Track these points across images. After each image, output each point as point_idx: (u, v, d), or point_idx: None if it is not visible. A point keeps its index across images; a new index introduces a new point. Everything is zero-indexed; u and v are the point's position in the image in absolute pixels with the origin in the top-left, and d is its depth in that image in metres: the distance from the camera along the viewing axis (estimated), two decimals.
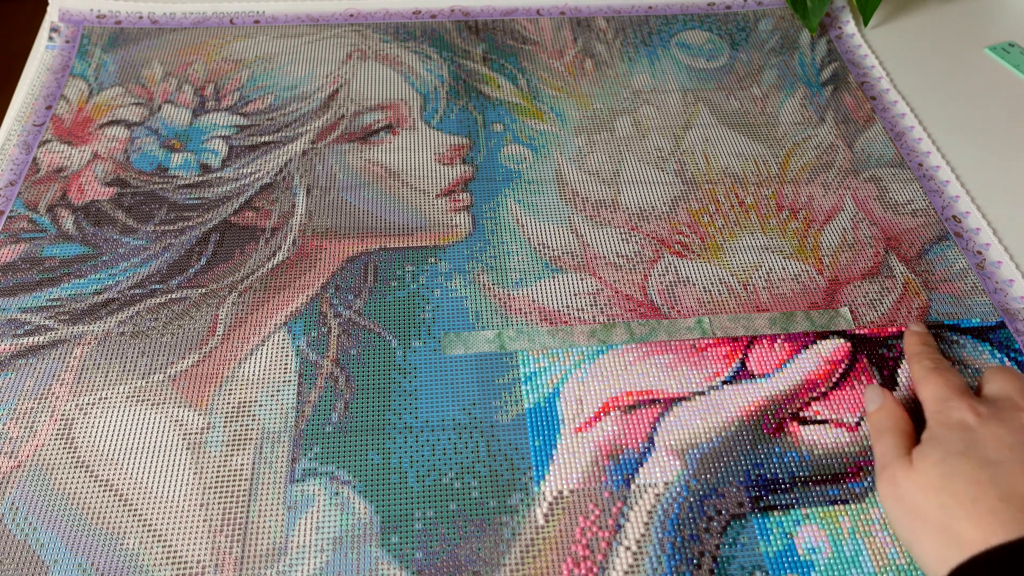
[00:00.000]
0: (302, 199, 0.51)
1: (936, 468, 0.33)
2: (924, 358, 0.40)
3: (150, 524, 0.37)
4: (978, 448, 0.33)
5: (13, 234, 0.48)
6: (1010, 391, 0.37)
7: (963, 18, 0.68)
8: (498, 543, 0.37)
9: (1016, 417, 0.35)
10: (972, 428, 0.35)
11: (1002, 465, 0.33)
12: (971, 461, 0.33)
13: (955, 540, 0.31)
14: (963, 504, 0.32)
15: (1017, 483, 0.32)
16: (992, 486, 0.32)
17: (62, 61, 0.59)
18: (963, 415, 0.35)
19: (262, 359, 0.43)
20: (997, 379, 0.38)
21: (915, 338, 0.43)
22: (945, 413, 0.36)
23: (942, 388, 0.37)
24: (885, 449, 0.36)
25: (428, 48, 0.62)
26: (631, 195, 0.52)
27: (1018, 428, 0.34)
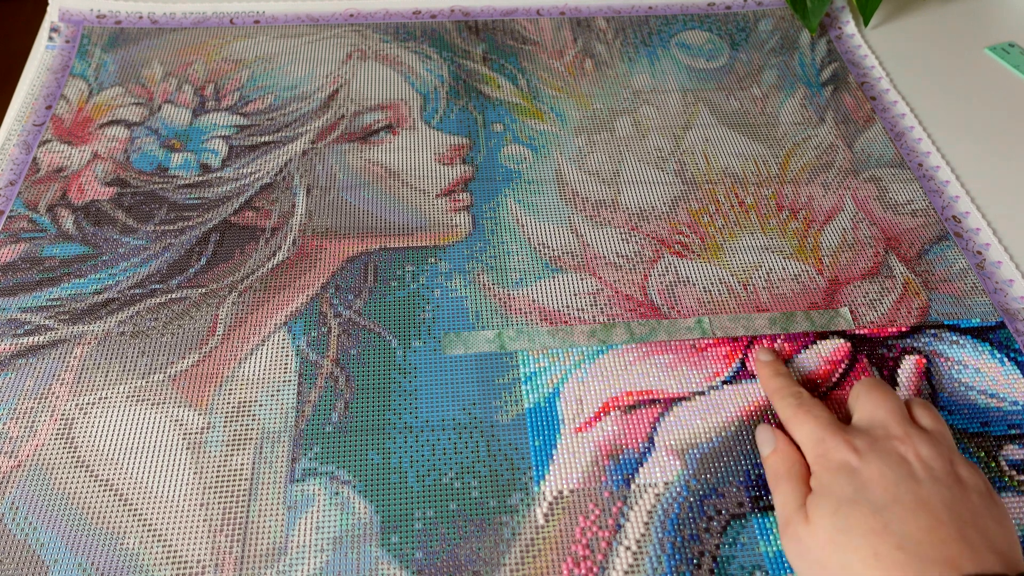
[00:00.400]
0: (302, 199, 0.51)
1: (830, 521, 0.33)
2: (786, 395, 0.39)
3: (150, 524, 0.37)
4: (866, 492, 0.33)
5: (13, 234, 0.48)
6: (880, 415, 0.36)
7: (963, 18, 0.68)
8: (498, 543, 0.37)
9: (891, 447, 0.34)
10: (855, 469, 0.34)
11: (892, 508, 0.32)
12: (862, 509, 0.32)
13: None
14: (863, 558, 0.31)
15: (910, 527, 0.31)
16: (887, 534, 0.31)
17: (62, 61, 0.59)
18: (843, 455, 0.34)
19: (262, 359, 0.43)
20: (863, 402, 0.37)
21: (768, 369, 0.42)
22: (826, 456, 0.35)
23: (815, 428, 0.36)
24: (784, 501, 0.35)
25: (428, 48, 0.62)
26: (631, 195, 0.52)
27: (897, 460, 0.34)
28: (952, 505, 0.32)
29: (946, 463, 0.34)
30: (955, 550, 0.30)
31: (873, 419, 0.36)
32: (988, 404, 0.42)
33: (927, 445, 0.34)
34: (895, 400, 0.37)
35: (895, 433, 0.35)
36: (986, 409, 0.42)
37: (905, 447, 0.34)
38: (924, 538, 0.31)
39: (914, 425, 0.36)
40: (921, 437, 0.35)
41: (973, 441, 0.41)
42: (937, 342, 0.45)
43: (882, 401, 0.37)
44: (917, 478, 0.33)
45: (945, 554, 0.30)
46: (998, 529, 0.32)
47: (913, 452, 0.34)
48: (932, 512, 0.32)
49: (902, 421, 0.36)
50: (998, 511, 0.33)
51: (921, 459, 0.34)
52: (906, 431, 0.35)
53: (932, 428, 0.36)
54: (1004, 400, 0.43)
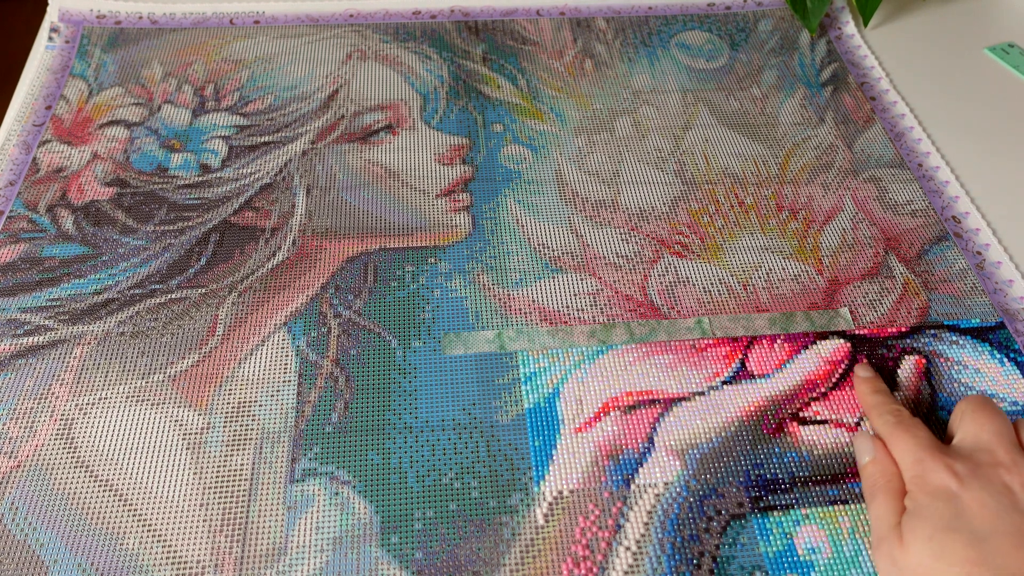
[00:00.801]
0: (302, 199, 0.51)
1: (927, 547, 0.32)
2: (885, 412, 0.39)
3: (150, 524, 0.37)
4: (965, 519, 0.32)
5: (13, 234, 0.48)
6: (985, 438, 0.35)
7: (963, 19, 0.68)
8: (498, 543, 0.37)
9: (996, 475, 0.33)
10: (955, 495, 0.33)
11: (991, 540, 0.31)
12: (960, 537, 0.31)
13: None
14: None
15: (1009, 560, 0.31)
16: (985, 566, 0.31)
17: (62, 61, 0.59)
18: (943, 479, 0.33)
19: (262, 359, 0.43)
20: (968, 423, 0.36)
21: (867, 386, 0.41)
22: (924, 478, 0.34)
23: (915, 447, 0.35)
24: (879, 516, 0.35)
25: (428, 48, 0.62)
26: (631, 195, 0.52)
27: (1001, 489, 0.33)
28: None
29: None
30: None
31: (978, 442, 0.35)
32: None
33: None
34: (1003, 422, 0.35)
35: (1001, 459, 0.34)
36: None
37: (1011, 476, 0.33)
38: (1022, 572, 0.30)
39: (1021, 451, 0.34)
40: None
41: None
42: (937, 342, 0.45)
43: (988, 423, 0.35)
44: (1020, 509, 0.32)
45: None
46: None
47: (1019, 481, 0.33)
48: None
49: (1010, 447, 0.34)
50: None
51: None
52: (1014, 458, 0.34)
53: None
54: (1004, 400, 0.43)
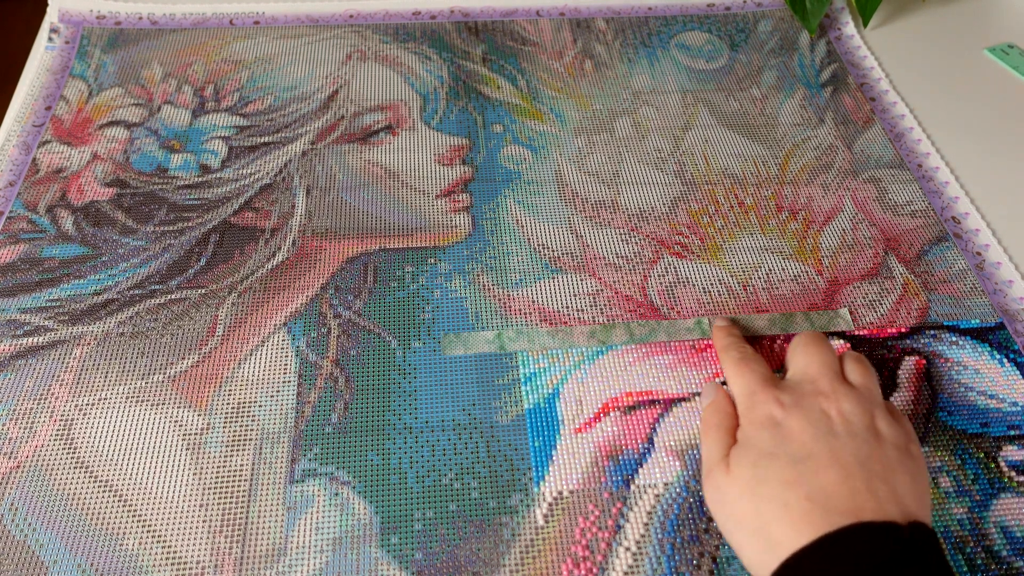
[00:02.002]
0: (302, 200, 0.51)
1: (750, 471, 0.34)
2: (731, 349, 0.41)
3: (150, 525, 0.37)
4: (786, 445, 0.34)
5: (12, 235, 0.48)
6: (812, 371, 0.37)
7: (962, 19, 0.68)
8: (498, 544, 0.37)
9: (816, 403, 0.35)
10: (779, 423, 0.35)
11: (808, 461, 0.33)
12: (780, 461, 0.33)
13: (772, 544, 0.32)
14: (775, 508, 0.32)
15: (822, 479, 0.32)
16: (800, 486, 0.32)
17: (62, 62, 0.59)
18: (769, 409, 0.35)
19: (262, 360, 0.43)
20: (798, 358, 0.38)
21: (721, 331, 0.43)
22: (753, 410, 0.36)
23: (749, 382, 0.37)
24: (708, 451, 0.37)
25: (428, 49, 0.62)
26: (631, 196, 0.52)
27: (819, 415, 0.35)
28: (865, 459, 0.33)
29: (866, 418, 0.35)
30: (860, 501, 0.31)
31: (805, 374, 0.37)
32: (987, 405, 0.42)
33: (850, 401, 0.35)
34: (828, 355, 0.38)
35: (822, 389, 0.36)
36: (985, 410, 0.42)
37: (828, 403, 0.35)
38: (833, 490, 0.32)
39: (842, 381, 0.37)
40: (846, 393, 0.36)
41: (972, 442, 0.41)
42: (937, 343, 0.45)
43: (815, 356, 0.38)
44: (835, 433, 0.34)
45: (850, 505, 0.31)
46: (908, 482, 0.33)
47: (836, 408, 0.35)
48: (844, 466, 0.33)
49: (831, 377, 0.37)
50: (912, 464, 0.34)
51: (842, 414, 0.35)
52: (832, 387, 0.36)
53: (859, 383, 0.37)
54: (1003, 401, 0.43)
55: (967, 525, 0.38)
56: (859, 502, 0.31)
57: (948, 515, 0.38)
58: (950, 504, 0.39)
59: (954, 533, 0.38)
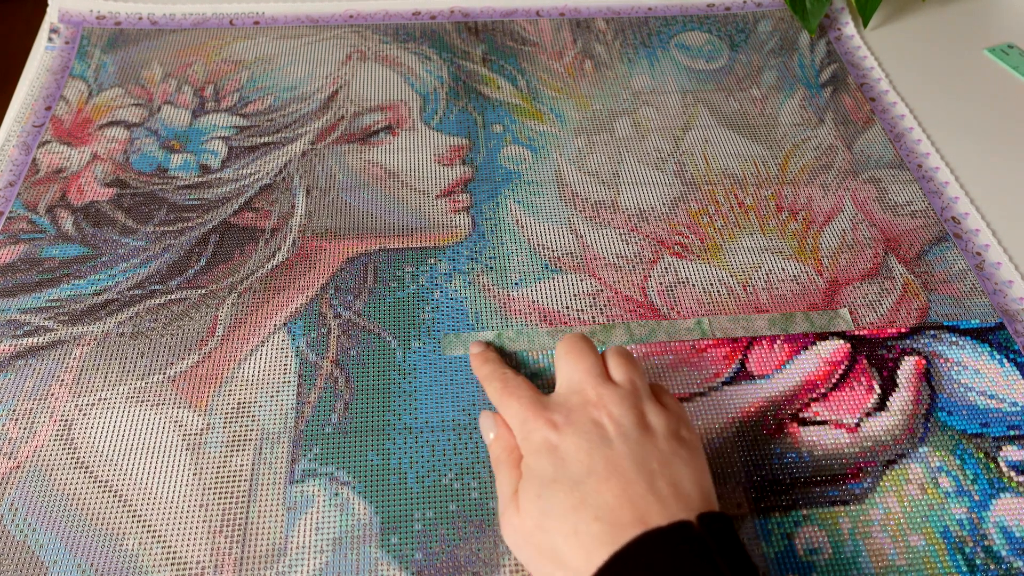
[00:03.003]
0: (302, 200, 0.51)
1: (536, 505, 0.33)
2: (493, 380, 0.39)
3: (150, 525, 0.37)
4: (565, 468, 0.33)
5: (12, 235, 0.48)
6: (576, 379, 0.36)
7: (962, 19, 0.68)
8: (497, 544, 0.37)
9: (586, 415, 0.34)
10: (555, 446, 0.34)
11: (588, 480, 0.32)
12: (562, 487, 0.32)
13: (571, 572, 0.31)
14: (565, 537, 0.31)
15: (604, 495, 0.31)
16: (584, 508, 0.31)
17: (62, 62, 0.59)
18: (543, 433, 0.34)
19: (262, 360, 0.43)
20: (562, 366, 0.37)
21: (478, 359, 0.42)
22: (529, 438, 0.35)
23: (520, 409, 0.36)
24: (501, 489, 0.35)
25: (428, 49, 0.62)
26: (631, 196, 0.52)
27: (591, 428, 0.34)
28: (641, 460, 0.32)
29: (636, 415, 0.34)
30: (644, 506, 0.31)
31: (570, 384, 0.36)
32: (987, 405, 0.42)
33: (616, 402, 0.34)
34: (589, 359, 0.37)
35: (589, 398, 0.35)
36: (985, 410, 0.42)
37: (598, 411, 0.34)
38: (616, 503, 0.31)
39: (606, 382, 0.35)
40: (612, 395, 0.35)
41: (972, 442, 0.41)
42: (936, 343, 0.45)
43: (578, 362, 0.36)
44: (608, 440, 0.33)
45: (636, 514, 0.31)
46: (686, 471, 0.33)
47: (606, 413, 0.34)
48: (622, 474, 0.32)
49: (596, 381, 0.35)
50: (686, 450, 0.34)
51: (613, 419, 0.34)
52: (598, 392, 0.35)
53: (623, 380, 0.36)
54: (1003, 401, 0.43)
55: (967, 525, 0.38)
56: (644, 508, 0.31)
57: (948, 515, 0.38)
58: (950, 504, 0.39)
59: (954, 533, 0.38)
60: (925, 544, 0.37)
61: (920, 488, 0.39)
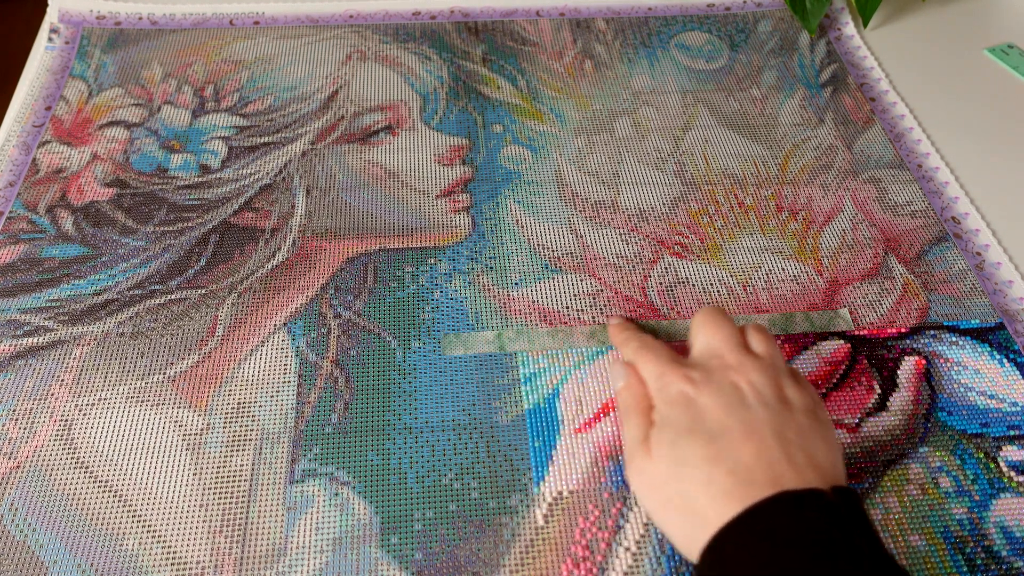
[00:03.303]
0: (302, 200, 0.51)
1: (670, 453, 0.34)
2: (631, 340, 0.40)
3: (150, 525, 0.37)
4: (702, 421, 0.34)
5: (12, 235, 0.48)
6: (715, 345, 0.37)
7: (962, 19, 0.68)
8: (497, 544, 0.37)
9: (725, 377, 0.35)
10: (692, 399, 0.35)
11: (725, 436, 0.33)
12: (698, 439, 0.33)
13: (699, 521, 0.32)
14: (698, 486, 0.32)
15: (741, 452, 0.32)
16: (720, 462, 0.32)
17: (61, 62, 0.59)
18: (680, 387, 0.35)
19: (262, 360, 0.43)
20: (701, 334, 0.38)
21: (617, 328, 0.43)
22: (665, 390, 0.36)
23: (656, 364, 0.37)
24: (630, 435, 0.36)
25: (428, 49, 0.62)
26: (631, 196, 0.52)
27: (729, 388, 0.35)
28: (779, 428, 0.33)
29: (775, 387, 0.35)
30: (779, 470, 0.32)
31: (710, 349, 0.37)
32: (987, 405, 0.42)
33: (757, 371, 0.35)
34: (730, 328, 0.38)
35: (729, 362, 0.36)
36: (985, 410, 0.42)
37: (737, 375, 0.35)
38: (753, 463, 0.32)
39: (747, 352, 0.37)
40: (753, 364, 0.36)
41: (972, 442, 0.41)
42: (936, 343, 0.45)
43: (717, 330, 0.38)
44: (747, 404, 0.34)
45: (771, 475, 0.32)
46: (822, 446, 0.33)
47: (745, 379, 0.35)
48: (760, 437, 0.33)
49: (736, 349, 0.37)
50: (823, 429, 0.34)
51: (752, 385, 0.35)
52: (739, 359, 0.36)
53: (764, 353, 0.37)
54: (1003, 401, 0.43)
55: (967, 525, 0.38)
56: (779, 472, 0.32)
57: (948, 515, 0.38)
58: (950, 504, 0.39)
59: (954, 533, 0.38)
60: (925, 544, 0.37)
61: (920, 488, 0.39)
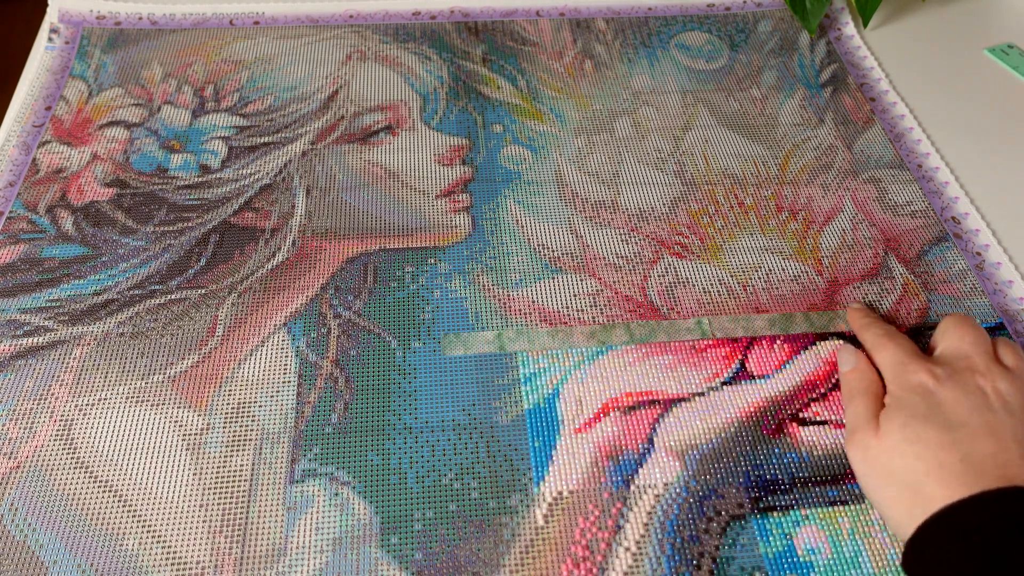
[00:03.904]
0: (302, 200, 0.51)
1: (901, 432, 0.35)
2: (873, 326, 0.41)
3: (150, 525, 0.37)
4: (940, 411, 0.35)
5: (12, 235, 0.48)
6: (965, 348, 0.38)
7: (962, 19, 0.68)
8: (497, 544, 0.37)
9: (971, 379, 0.36)
10: (932, 391, 0.36)
11: (963, 428, 0.34)
12: (935, 425, 0.34)
13: (922, 500, 0.33)
14: (929, 467, 0.33)
15: (978, 445, 0.33)
16: (955, 449, 0.33)
17: (61, 62, 0.59)
18: (922, 378, 0.36)
19: (262, 360, 0.43)
20: (950, 336, 0.39)
21: (858, 313, 0.44)
22: (904, 377, 0.37)
23: (898, 352, 0.38)
24: (856, 413, 0.37)
25: (428, 49, 0.62)
26: (631, 196, 0.52)
27: (974, 390, 0.35)
28: (1021, 435, 0.34)
29: (1021, 398, 0.35)
30: (1014, 471, 0.32)
31: (958, 351, 0.38)
32: None
33: (1006, 381, 0.36)
34: (981, 335, 0.39)
35: (977, 366, 0.37)
36: None
37: (984, 380, 0.36)
38: (988, 459, 0.33)
39: (997, 361, 0.37)
40: (1002, 373, 0.36)
41: None
42: None
43: (968, 335, 0.38)
44: (991, 408, 0.35)
45: (1002, 472, 0.32)
46: None
47: (991, 386, 0.36)
48: (1000, 439, 0.33)
49: (986, 356, 0.37)
50: None
51: (999, 392, 0.35)
52: (988, 366, 0.37)
53: (1014, 366, 0.37)
54: None
55: None
56: (1013, 472, 0.32)
57: None
58: None
59: None
60: None
61: None
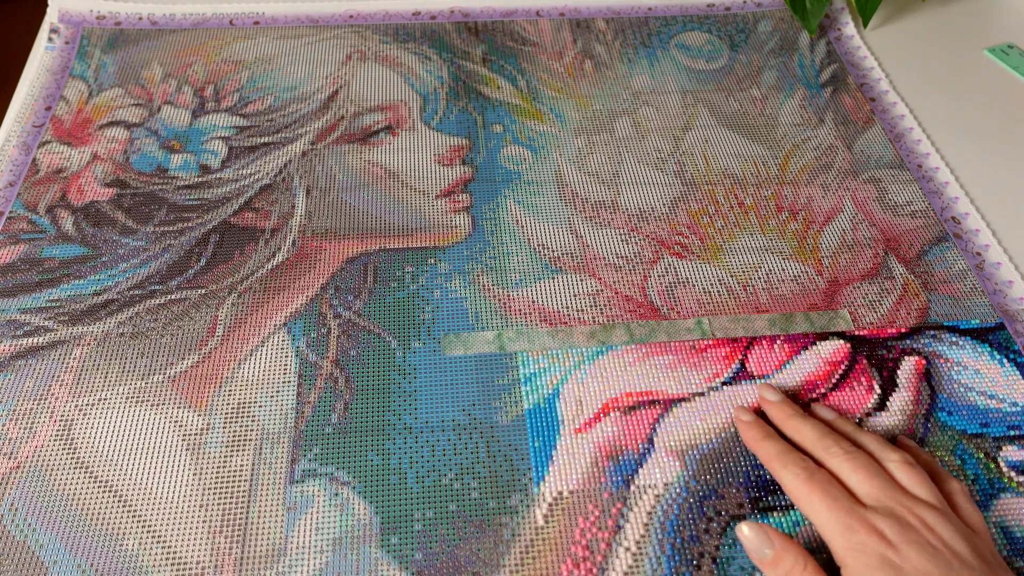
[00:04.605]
0: (302, 200, 0.51)
1: None
2: (789, 464, 0.36)
3: (150, 525, 0.37)
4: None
5: (12, 235, 0.48)
6: (875, 495, 0.34)
7: (962, 19, 0.68)
8: (498, 544, 0.37)
9: (915, 534, 0.33)
10: (898, 567, 0.32)
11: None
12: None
13: None
14: None
15: None
16: None
17: (62, 62, 0.59)
18: (878, 549, 0.32)
19: (262, 360, 0.43)
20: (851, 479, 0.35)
21: (754, 432, 0.39)
22: (861, 551, 0.33)
23: (834, 512, 0.34)
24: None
25: (428, 49, 0.62)
26: (631, 196, 0.52)
27: (930, 551, 0.32)
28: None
29: (964, 540, 0.33)
30: None
31: (872, 498, 0.35)
32: (987, 405, 0.42)
33: (941, 524, 0.33)
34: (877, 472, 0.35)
35: (904, 516, 0.33)
36: (985, 410, 0.42)
37: (928, 532, 0.33)
38: None
39: (915, 499, 0.34)
40: (931, 516, 0.34)
41: (972, 442, 0.41)
42: (937, 343, 0.45)
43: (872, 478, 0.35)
44: (952, 567, 0.32)
45: None
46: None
47: (936, 537, 0.33)
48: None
49: (903, 498, 0.34)
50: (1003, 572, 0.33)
51: (946, 544, 0.33)
52: (915, 512, 0.34)
53: (928, 497, 0.35)
54: (1003, 401, 0.43)
55: None
56: None
57: None
58: None
59: None
60: None
61: None
